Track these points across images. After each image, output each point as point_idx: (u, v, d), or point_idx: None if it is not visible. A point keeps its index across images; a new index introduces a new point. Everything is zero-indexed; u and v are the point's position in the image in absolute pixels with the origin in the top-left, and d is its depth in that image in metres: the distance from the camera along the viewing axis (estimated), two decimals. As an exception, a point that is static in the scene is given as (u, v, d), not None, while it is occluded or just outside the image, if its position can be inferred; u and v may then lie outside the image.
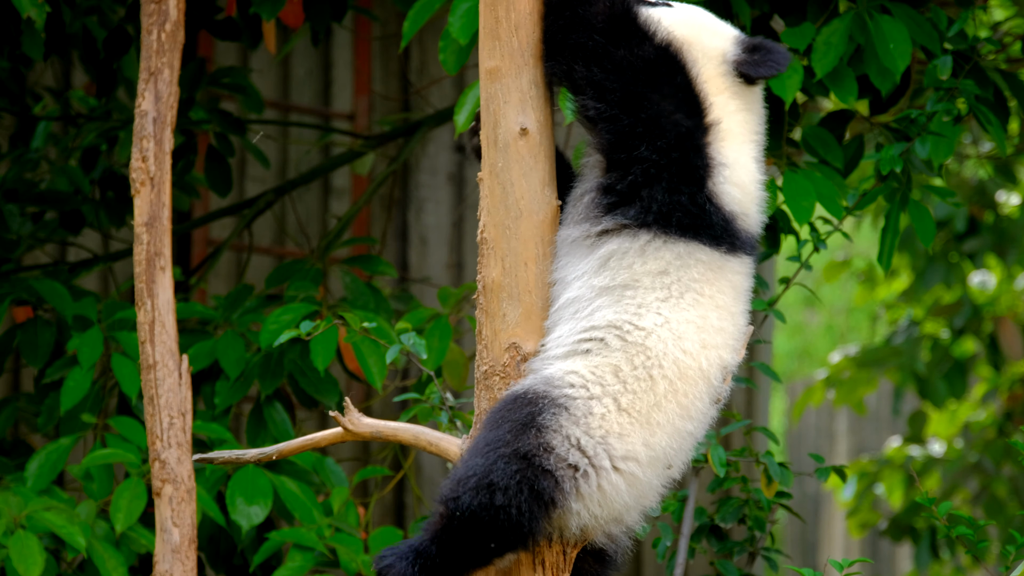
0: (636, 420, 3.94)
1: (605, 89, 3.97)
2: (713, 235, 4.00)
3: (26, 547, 5.24)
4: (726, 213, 4.01)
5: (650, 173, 3.96)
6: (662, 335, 3.96)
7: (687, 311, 3.98)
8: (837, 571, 4.36)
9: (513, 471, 3.85)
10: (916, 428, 10.21)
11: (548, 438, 3.89)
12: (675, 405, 3.97)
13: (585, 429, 3.91)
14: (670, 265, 3.98)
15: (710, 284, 4.01)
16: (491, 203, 4.05)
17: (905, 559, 12.61)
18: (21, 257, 6.45)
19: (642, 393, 3.95)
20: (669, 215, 3.97)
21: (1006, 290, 9.72)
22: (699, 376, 3.99)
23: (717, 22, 4.15)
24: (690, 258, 4.00)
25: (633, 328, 3.96)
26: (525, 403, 3.93)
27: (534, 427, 3.89)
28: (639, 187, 3.97)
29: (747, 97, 4.11)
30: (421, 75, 8.72)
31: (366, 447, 8.36)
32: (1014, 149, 8.00)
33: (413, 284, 8.57)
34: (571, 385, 3.94)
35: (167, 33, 5.04)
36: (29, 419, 6.14)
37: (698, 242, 3.99)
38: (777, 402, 15.65)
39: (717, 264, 4.02)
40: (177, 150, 6.42)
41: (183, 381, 4.96)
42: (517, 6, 4.04)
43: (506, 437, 3.88)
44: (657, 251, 3.98)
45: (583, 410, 3.92)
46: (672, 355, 3.96)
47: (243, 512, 5.51)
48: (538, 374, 3.98)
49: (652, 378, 3.95)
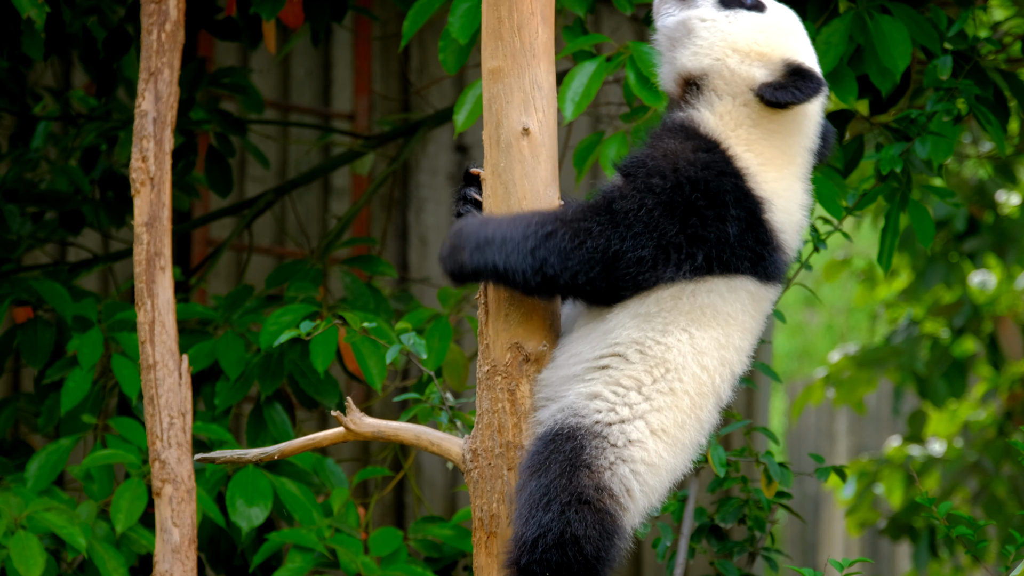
0: (668, 445, 3.95)
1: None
2: (764, 271, 4.00)
3: (26, 547, 5.24)
4: (775, 246, 4.00)
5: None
6: (683, 349, 3.95)
7: (713, 329, 3.97)
8: (837, 571, 4.35)
9: (589, 520, 3.85)
10: (916, 428, 10.21)
11: (603, 479, 3.89)
12: (695, 421, 3.99)
13: (631, 467, 3.92)
14: (718, 295, 3.98)
15: (745, 311, 4.01)
16: (493, 203, 4.05)
17: (904, 558, 12.61)
18: (21, 257, 6.45)
19: (667, 410, 3.95)
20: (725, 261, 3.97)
21: (1006, 290, 9.72)
22: (711, 392, 3.99)
23: (774, 38, 4.06)
24: (741, 290, 4.00)
25: (654, 343, 3.95)
26: (564, 439, 3.91)
27: (584, 466, 3.88)
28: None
29: (779, 120, 4.02)
30: (421, 75, 8.72)
31: (366, 448, 8.36)
32: (1014, 149, 8.00)
33: (413, 284, 8.57)
34: (598, 411, 3.93)
35: (167, 33, 5.04)
36: (29, 420, 6.14)
37: (750, 276, 3.99)
38: (777, 402, 15.65)
39: (760, 295, 4.02)
40: (177, 150, 6.42)
41: (183, 381, 4.96)
42: (520, 6, 4.04)
43: (560, 482, 3.87)
44: (709, 286, 3.98)
45: (621, 439, 3.92)
46: (691, 370, 3.95)
47: (243, 513, 5.50)
48: (559, 402, 3.97)
49: (674, 392, 3.95)
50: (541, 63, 4.04)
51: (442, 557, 5.74)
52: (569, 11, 5.32)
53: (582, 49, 5.25)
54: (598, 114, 8.20)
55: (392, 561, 5.56)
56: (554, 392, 4.00)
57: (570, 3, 5.24)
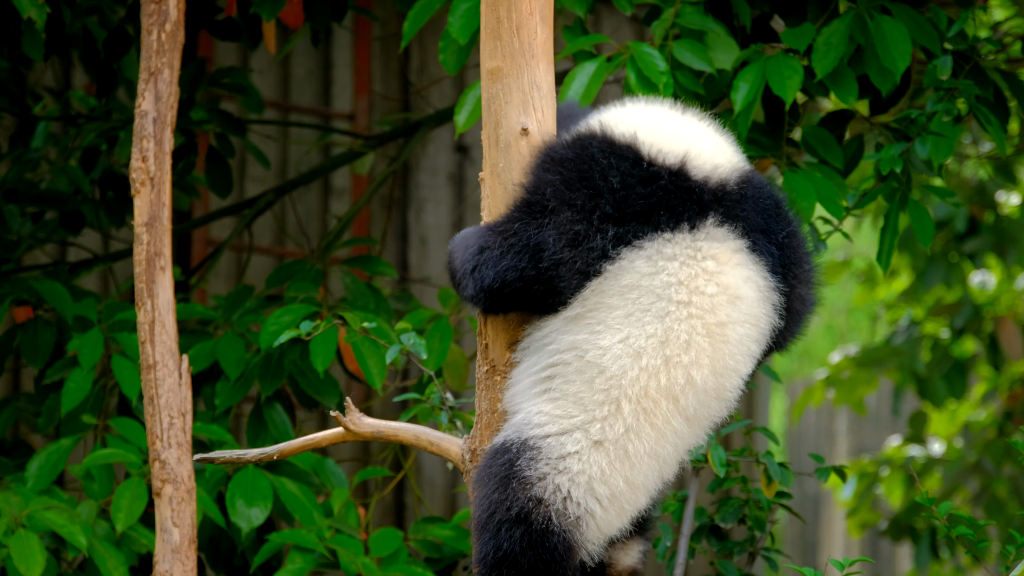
0: (616, 456, 3.82)
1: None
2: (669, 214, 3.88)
3: (27, 547, 5.24)
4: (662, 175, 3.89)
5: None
6: (616, 351, 3.80)
7: (649, 325, 3.82)
8: (838, 571, 4.35)
9: (521, 536, 3.80)
10: (916, 428, 10.22)
11: (536, 492, 3.81)
12: (650, 429, 3.83)
13: (569, 476, 3.82)
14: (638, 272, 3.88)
15: (678, 284, 3.84)
16: (493, 203, 4.05)
17: (905, 559, 12.61)
18: (21, 257, 6.45)
19: (611, 418, 3.82)
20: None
21: (1006, 290, 9.72)
22: (662, 396, 3.82)
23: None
24: (659, 257, 3.88)
25: (591, 347, 3.82)
26: (502, 451, 3.85)
27: (515, 478, 3.82)
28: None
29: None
30: (421, 75, 8.72)
31: (366, 448, 8.36)
32: (1014, 149, 8.01)
33: (413, 284, 8.57)
34: (539, 424, 3.84)
35: (167, 33, 5.04)
36: (29, 419, 6.15)
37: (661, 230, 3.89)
38: (777, 402, 15.66)
39: (683, 249, 3.87)
40: (177, 150, 6.42)
41: (183, 381, 4.96)
42: (518, 7, 4.04)
43: (494, 496, 3.82)
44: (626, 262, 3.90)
45: (557, 451, 3.83)
46: (630, 374, 3.80)
47: (243, 513, 5.51)
48: (512, 418, 3.91)
49: (614, 400, 3.81)
50: (540, 63, 4.04)
51: (442, 558, 5.74)
52: (569, 11, 5.32)
53: (582, 49, 5.25)
54: (598, 114, 8.19)
55: (392, 562, 5.56)
56: (512, 408, 3.94)
57: (570, 3, 5.24)
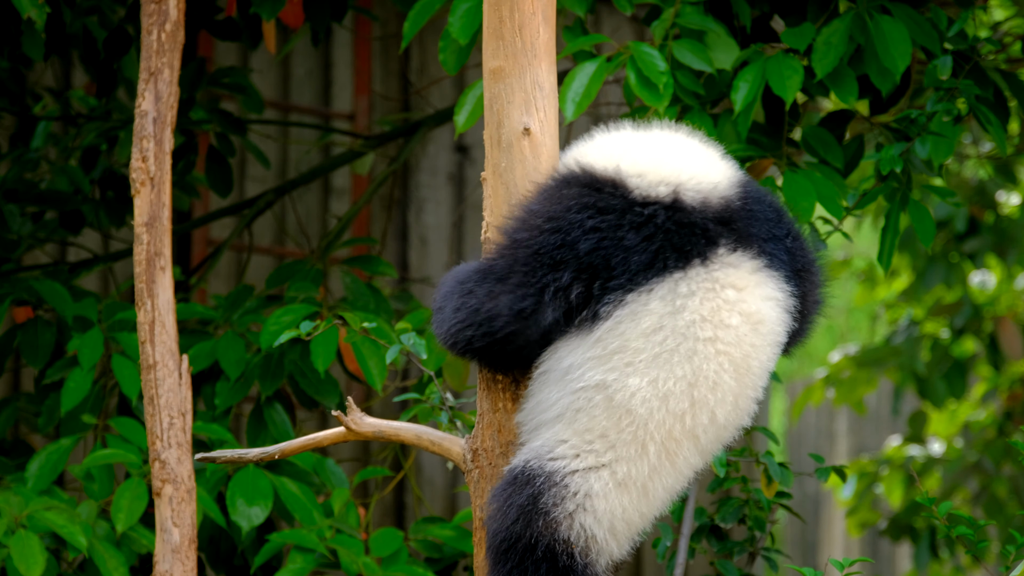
0: (637, 495, 3.85)
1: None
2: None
3: (27, 547, 5.24)
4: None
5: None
6: (646, 394, 3.81)
7: (679, 367, 3.83)
8: (838, 570, 4.35)
9: (545, 572, 3.81)
10: (916, 428, 10.22)
11: (562, 533, 3.83)
12: (670, 467, 3.86)
13: (595, 517, 3.83)
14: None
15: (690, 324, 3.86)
16: (494, 203, 4.05)
17: (905, 559, 12.61)
18: (21, 257, 6.45)
19: (636, 459, 3.84)
20: None
21: (1006, 290, 9.73)
22: (684, 436, 3.85)
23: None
24: (656, 298, 3.90)
25: (620, 388, 3.81)
26: (524, 483, 3.85)
27: (541, 516, 3.82)
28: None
29: None
30: (421, 75, 8.72)
31: (366, 447, 8.36)
32: (1014, 149, 8.01)
33: (413, 284, 8.57)
34: (563, 457, 3.84)
35: (167, 33, 5.04)
36: (29, 419, 6.14)
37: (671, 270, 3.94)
38: (777, 402, 15.65)
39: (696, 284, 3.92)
40: (177, 150, 6.42)
41: (183, 381, 4.96)
42: (521, 6, 4.04)
43: (516, 529, 3.83)
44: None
45: (584, 489, 3.84)
46: (657, 417, 3.81)
47: (243, 513, 5.50)
48: (530, 443, 3.90)
49: (640, 441, 3.82)
50: (542, 63, 4.04)
51: (443, 558, 5.74)
52: (569, 11, 5.32)
53: (582, 49, 5.25)
54: (599, 114, 8.20)
55: (393, 562, 5.56)
56: (529, 427, 3.93)
57: (570, 3, 5.24)
